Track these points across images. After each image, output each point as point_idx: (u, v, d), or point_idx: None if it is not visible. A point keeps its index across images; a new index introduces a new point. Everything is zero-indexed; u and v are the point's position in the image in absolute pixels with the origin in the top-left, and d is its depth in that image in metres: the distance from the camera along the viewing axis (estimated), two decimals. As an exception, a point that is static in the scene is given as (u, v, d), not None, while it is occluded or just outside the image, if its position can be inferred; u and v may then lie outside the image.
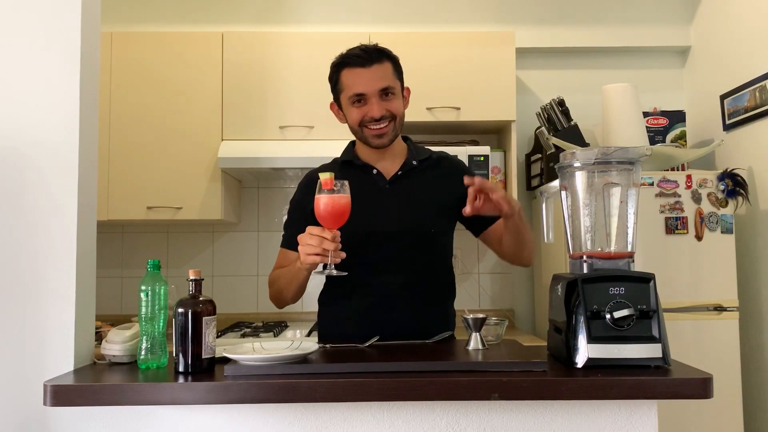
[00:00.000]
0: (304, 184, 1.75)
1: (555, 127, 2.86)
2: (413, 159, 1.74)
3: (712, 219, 2.52)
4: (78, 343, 1.39)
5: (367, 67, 1.63)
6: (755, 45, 2.65)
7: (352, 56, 1.65)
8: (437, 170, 1.76)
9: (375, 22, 3.21)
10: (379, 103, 1.63)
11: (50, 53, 1.43)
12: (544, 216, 1.51)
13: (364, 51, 1.65)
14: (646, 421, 1.27)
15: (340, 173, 1.70)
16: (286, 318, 3.09)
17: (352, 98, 1.65)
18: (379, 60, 1.64)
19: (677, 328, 2.40)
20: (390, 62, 1.67)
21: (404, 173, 1.72)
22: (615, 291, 1.29)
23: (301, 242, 1.43)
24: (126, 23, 3.17)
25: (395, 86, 1.66)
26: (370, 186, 1.70)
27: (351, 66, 1.65)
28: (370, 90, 1.62)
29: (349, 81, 1.65)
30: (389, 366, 1.26)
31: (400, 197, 1.70)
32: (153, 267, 1.34)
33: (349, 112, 1.68)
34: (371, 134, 1.66)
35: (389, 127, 1.65)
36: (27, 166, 1.41)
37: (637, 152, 1.36)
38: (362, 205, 1.62)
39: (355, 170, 1.73)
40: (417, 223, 1.67)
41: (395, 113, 1.66)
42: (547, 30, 3.22)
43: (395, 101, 1.66)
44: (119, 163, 2.82)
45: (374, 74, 1.63)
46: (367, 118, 1.64)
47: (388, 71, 1.66)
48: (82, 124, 1.43)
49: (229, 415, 1.29)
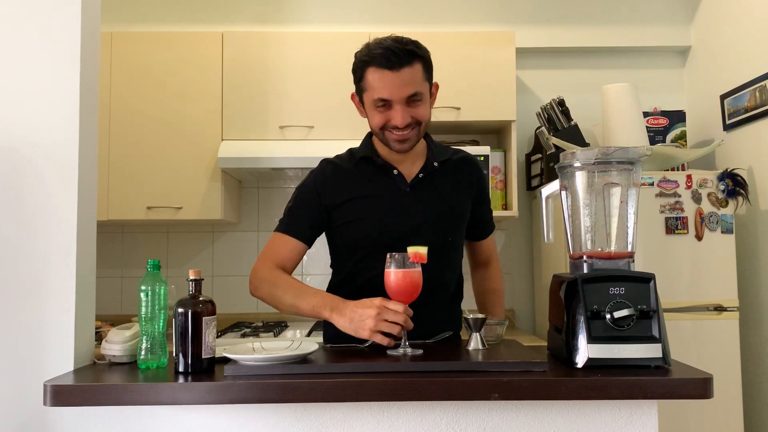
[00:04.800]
0: (322, 180, 1.65)
1: (555, 127, 2.86)
2: (434, 160, 1.66)
3: (712, 219, 2.52)
4: (78, 343, 1.39)
5: (395, 70, 1.50)
6: (755, 45, 2.65)
7: (380, 56, 1.51)
8: (457, 174, 1.69)
9: (375, 22, 3.20)
10: (405, 110, 1.53)
11: (50, 53, 1.43)
12: (544, 216, 1.51)
13: (393, 52, 1.50)
14: (646, 421, 1.27)
15: (356, 169, 1.67)
16: (286, 318, 3.09)
17: (377, 102, 1.54)
18: (410, 62, 1.51)
19: (677, 328, 2.40)
20: (421, 63, 1.54)
21: (425, 176, 1.65)
22: (615, 291, 1.29)
23: (376, 317, 1.33)
24: (126, 23, 3.17)
25: (423, 91, 1.55)
26: (390, 187, 1.63)
27: (378, 66, 1.52)
28: (396, 97, 1.52)
29: (375, 83, 1.53)
30: (389, 366, 1.26)
31: (420, 202, 1.63)
32: (153, 267, 1.34)
33: (372, 114, 1.58)
34: (393, 138, 1.57)
35: (413, 133, 1.56)
36: (27, 166, 1.41)
37: (637, 152, 1.36)
38: (381, 207, 1.61)
39: (375, 168, 1.65)
40: (435, 231, 1.61)
41: (420, 120, 1.56)
42: (547, 30, 3.22)
43: (422, 107, 1.56)
44: (119, 163, 2.82)
45: (402, 79, 1.51)
46: (391, 124, 1.55)
47: (417, 75, 1.53)
48: (82, 124, 1.43)
49: (229, 415, 1.29)
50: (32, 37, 1.43)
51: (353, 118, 1.81)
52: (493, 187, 2.91)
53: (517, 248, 3.20)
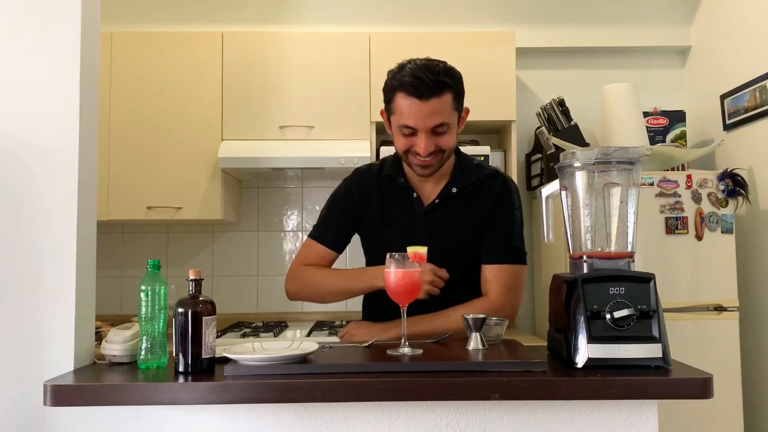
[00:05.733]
0: (350, 192, 1.73)
1: (555, 127, 2.86)
2: (453, 185, 1.66)
3: (712, 219, 2.52)
4: (78, 343, 1.39)
5: (424, 100, 1.50)
6: (755, 45, 2.65)
7: (409, 84, 1.51)
8: (475, 197, 1.67)
9: (375, 22, 3.21)
10: (429, 138, 1.54)
11: (50, 53, 1.43)
12: (544, 216, 1.51)
13: (423, 82, 1.50)
14: (646, 421, 1.27)
15: (380, 186, 1.71)
16: (286, 318, 3.09)
17: (402, 127, 1.56)
18: (439, 93, 1.51)
19: (677, 328, 2.40)
20: (451, 93, 1.54)
21: (441, 201, 1.66)
22: (615, 291, 1.28)
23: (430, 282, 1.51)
24: (126, 23, 3.18)
25: (450, 121, 1.56)
26: (407, 210, 1.66)
27: (407, 93, 1.52)
28: (422, 126, 1.53)
29: (402, 108, 1.54)
30: (389, 366, 1.26)
31: (433, 229, 1.64)
32: (153, 267, 1.34)
33: (397, 137, 1.60)
34: (416, 163, 1.59)
35: (435, 160, 1.58)
36: (27, 166, 1.41)
37: (637, 152, 1.36)
38: (394, 231, 1.63)
39: (395, 187, 1.69)
40: (447, 259, 1.58)
41: (444, 149, 1.57)
42: (547, 30, 3.22)
43: (446, 137, 1.56)
44: (119, 163, 2.82)
45: (430, 109, 1.51)
46: (414, 150, 1.57)
47: (446, 106, 1.53)
48: (82, 124, 1.43)
49: (229, 415, 1.29)
50: (32, 37, 1.43)
51: (353, 118, 1.81)
52: (493, 187, 2.91)
53: (517, 248, 3.20)
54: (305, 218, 3.21)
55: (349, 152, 2.72)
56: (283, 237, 3.21)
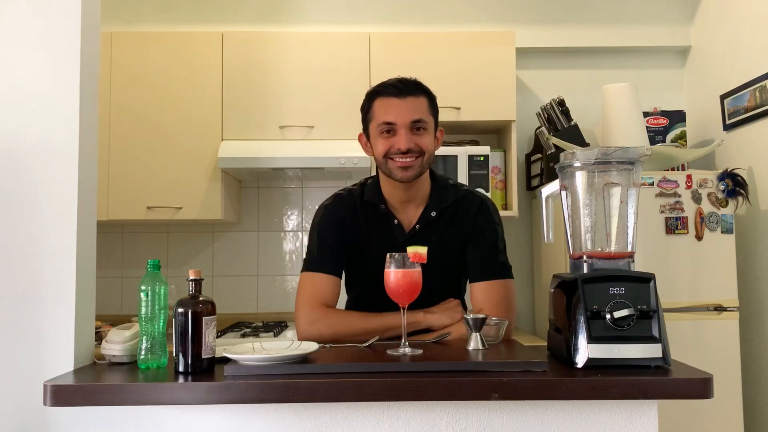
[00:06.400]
0: (336, 217, 1.69)
1: (555, 127, 2.86)
2: (432, 209, 1.67)
3: (712, 219, 2.52)
4: (78, 343, 1.39)
5: (402, 98, 1.59)
6: (755, 45, 2.65)
7: (387, 86, 1.61)
8: (455, 220, 1.68)
9: (375, 22, 3.21)
10: (408, 135, 1.58)
11: (50, 53, 1.43)
12: (544, 216, 1.51)
13: (400, 82, 1.61)
14: (646, 421, 1.27)
15: (361, 211, 1.69)
16: (286, 318, 3.09)
17: (381, 127, 1.60)
18: (415, 93, 1.60)
19: (677, 328, 2.40)
20: (426, 98, 1.62)
21: (422, 227, 1.67)
22: (615, 291, 1.29)
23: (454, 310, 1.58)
24: (126, 23, 3.17)
25: (428, 121, 1.61)
26: (388, 237, 1.66)
27: (385, 95, 1.61)
28: (401, 121, 1.58)
29: (381, 110, 1.61)
30: (389, 366, 1.26)
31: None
32: (153, 267, 1.34)
33: (376, 143, 1.62)
34: (396, 166, 1.59)
35: (416, 162, 1.59)
36: (27, 166, 1.41)
37: (637, 152, 1.36)
38: (375, 258, 1.54)
39: (376, 214, 1.69)
40: (431, 282, 1.47)
41: (424, 149, 1.59)
42: (547, 30, 3.22)
43: (426, 137, 1.60)
44: (119, 163, 2.83)
45: (408, 106, 1.58)
46: (394, 149, 1.58)
47: (422, 105, 1.61)
48: (82, 124, 1.43)
49: (229, 415, 1.29)
50: (32, 36, 1.43)
51: (353, 118, 1.81)
52: (494, 187, 2.92)
53: (517, 248, 3.20)
54: (305, 218, 3.21)
55: (349, 152, 2.72)
56: (283, 237, 3.21)
